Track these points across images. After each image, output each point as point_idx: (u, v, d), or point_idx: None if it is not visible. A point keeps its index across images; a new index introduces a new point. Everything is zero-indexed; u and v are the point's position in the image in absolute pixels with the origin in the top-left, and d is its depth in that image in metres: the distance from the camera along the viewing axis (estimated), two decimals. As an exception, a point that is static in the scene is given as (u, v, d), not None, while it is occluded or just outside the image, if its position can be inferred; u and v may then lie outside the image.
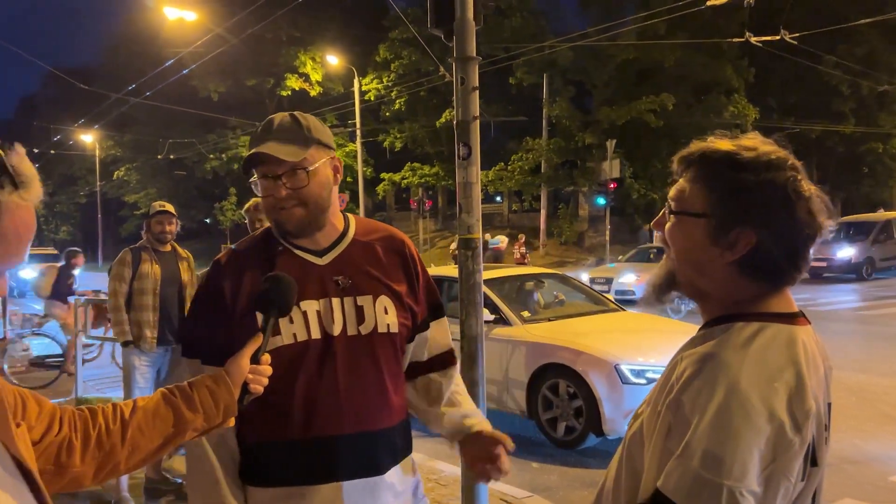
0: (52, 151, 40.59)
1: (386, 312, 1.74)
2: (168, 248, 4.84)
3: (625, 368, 5.54)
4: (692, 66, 29.08)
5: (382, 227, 1.89)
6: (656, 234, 1.26)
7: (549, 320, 6.74)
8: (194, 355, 1.70)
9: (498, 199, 40.90)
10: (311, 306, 1.68)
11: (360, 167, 30.96)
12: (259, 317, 1.60)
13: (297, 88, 36.93)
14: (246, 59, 34.89)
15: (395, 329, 1.75)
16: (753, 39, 15.58)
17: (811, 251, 1.14)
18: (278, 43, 35.73)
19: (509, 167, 32.42)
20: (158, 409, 1.32)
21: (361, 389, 1.69)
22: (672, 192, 1.22)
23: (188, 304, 4.82)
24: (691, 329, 2.32)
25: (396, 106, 34.97)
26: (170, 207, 4.86)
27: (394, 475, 1.74)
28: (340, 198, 1.92)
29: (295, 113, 1.74)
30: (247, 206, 5.14)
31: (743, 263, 1.13)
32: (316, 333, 1.67)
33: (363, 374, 1.70)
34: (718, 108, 29.26)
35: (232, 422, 1.40)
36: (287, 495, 1.66)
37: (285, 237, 1.74)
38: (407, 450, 1.83)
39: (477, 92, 3.41)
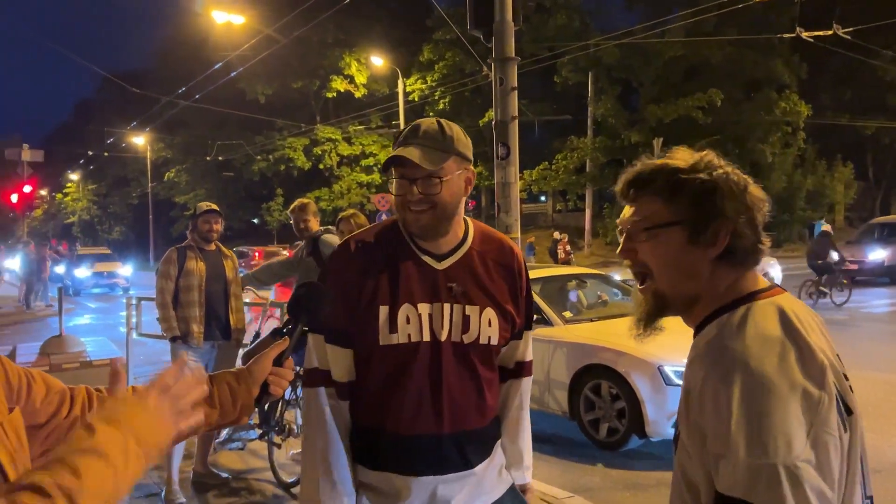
0: (106, 154, 41.87)
1: (490, 325, 1.81)
2: (213, 247, 4.95)
3: (668, 370, 5.46)
4: (741, 62, 28.52)
5: (496, 237, 1.95)
6: (625, 263, 1.31)
7: (592, 321, 6.67)
8: (320, 332, 1.80)
9: (542, 198, 40.68)
10: (424, 309, 1.77)
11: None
12: (383, 310, 1.74)
13: (342, 90, 37.32)
14: (292, 61, 35.38)
15: (494, 342, 1.83)
16: (805, 34, 15.19)
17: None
18: (324, 45, 36.15)
19: (553, 166, 32.22)
20: None
21: (462, 393, 1.79)
22: (628, 216, 1.30)
23: (233, 301, 4.94)
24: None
25: (440, 106, 35.08)
26: (215, 207, 4.98)
27: (484, 465, 1.86)
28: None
29: (441, 121, 1.81)
30: (292, 206, 5.23)
31: (725, 254, 1.21)
32: (427, 336, 1.76)
33: (463, 379, 1.80)
34: (769, 105, 28.64)
35: (246, 419, 1.44)
36: (389, 480, 1.78)
37: (410, 236, 1.82)
38: (496, 437, 1.93)
39: (515, 92, 3.41)
